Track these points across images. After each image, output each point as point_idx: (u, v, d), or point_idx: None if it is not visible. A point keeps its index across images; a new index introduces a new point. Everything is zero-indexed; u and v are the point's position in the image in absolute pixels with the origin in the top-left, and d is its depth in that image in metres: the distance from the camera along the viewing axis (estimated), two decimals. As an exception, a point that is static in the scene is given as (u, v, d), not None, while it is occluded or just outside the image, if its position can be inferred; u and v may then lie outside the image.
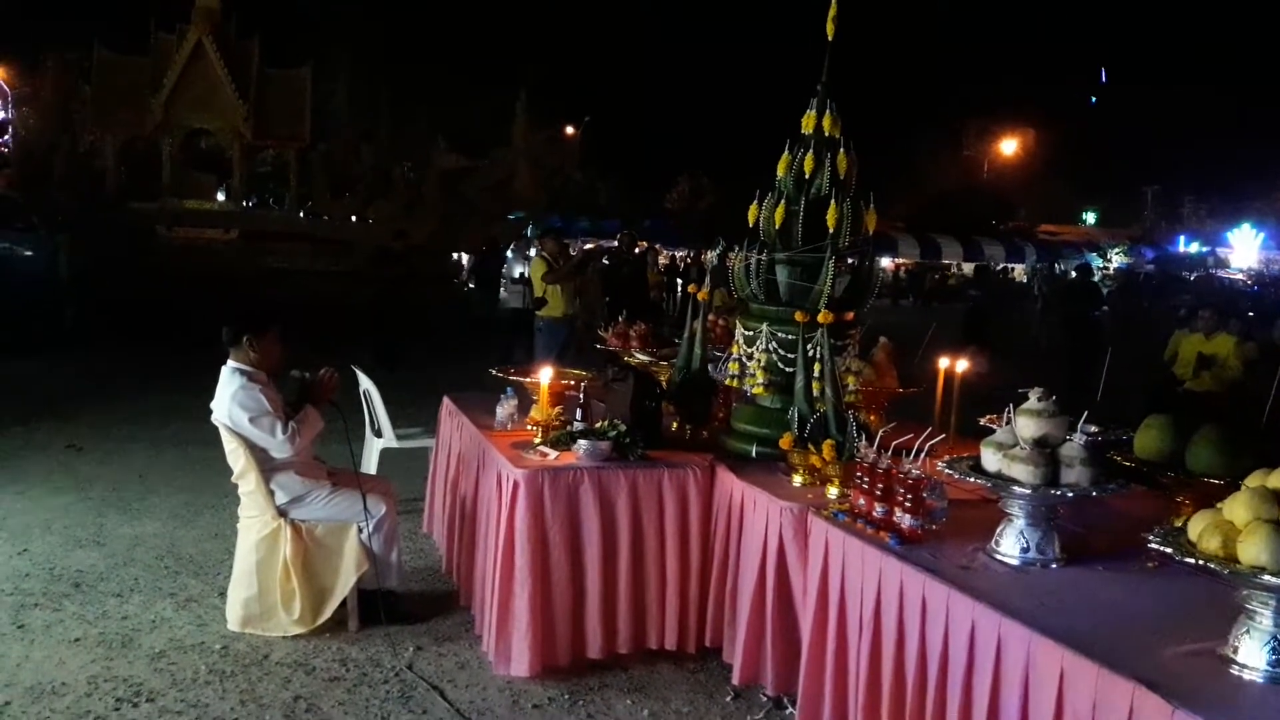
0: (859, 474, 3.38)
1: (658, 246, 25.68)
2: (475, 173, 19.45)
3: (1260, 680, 2.20)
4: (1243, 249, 43.61)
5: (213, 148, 19.56)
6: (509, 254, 13.41)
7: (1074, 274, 16.26)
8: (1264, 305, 21.75)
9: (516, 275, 11.08)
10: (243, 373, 4.24)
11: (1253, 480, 2.32)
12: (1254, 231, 43.90)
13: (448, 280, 19.90)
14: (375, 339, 11.82)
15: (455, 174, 18.70)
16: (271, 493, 4.23)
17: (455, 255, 22.34)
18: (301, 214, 19.58)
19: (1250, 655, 2.23)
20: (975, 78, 43.47)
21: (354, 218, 19.28)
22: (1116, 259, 41.37)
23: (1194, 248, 44.35)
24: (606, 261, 12.44)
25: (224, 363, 4.33)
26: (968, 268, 36.10)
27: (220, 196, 19.93)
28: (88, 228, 14.56)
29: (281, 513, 4.25)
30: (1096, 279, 17.21)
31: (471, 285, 10.25)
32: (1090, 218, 50.06)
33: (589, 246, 22.53)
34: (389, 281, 12.63)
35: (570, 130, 31.26)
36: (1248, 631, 2.25)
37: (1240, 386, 8.63)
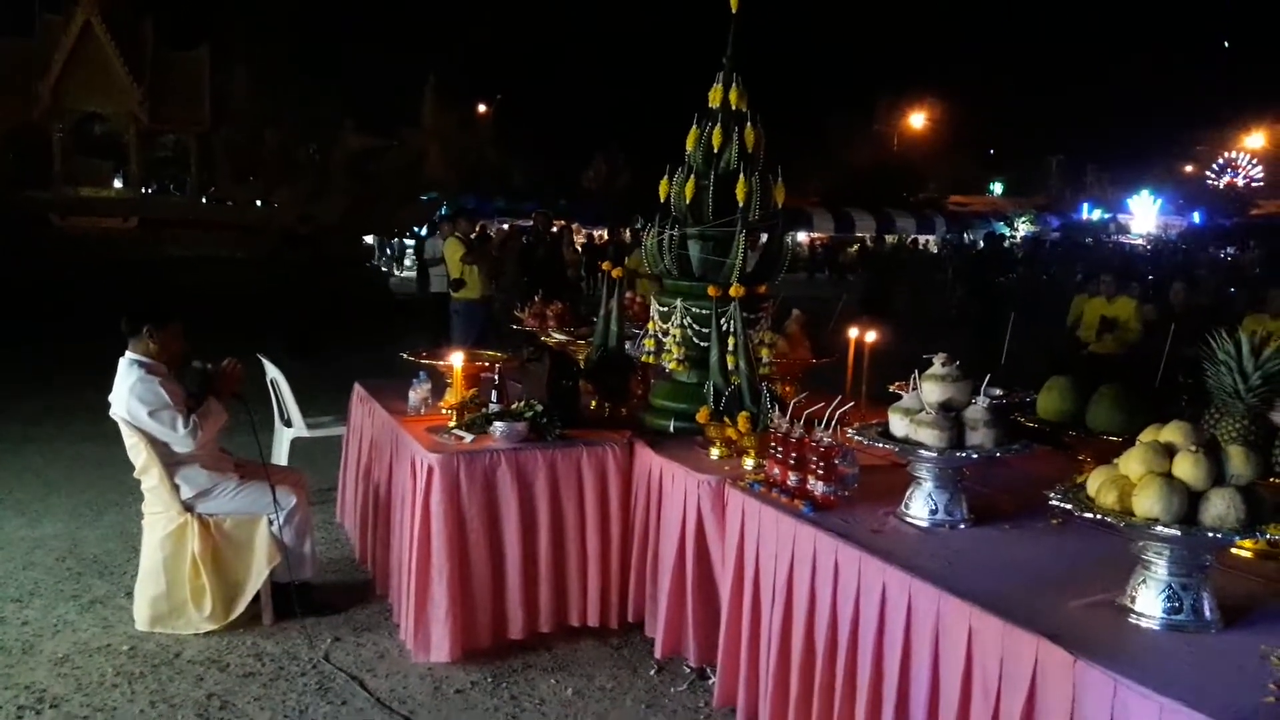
0: (773, 444, 3.41)
1: (575, 226, 25.55)
2: (385, 154, 19.04)
3: (1156, 628, 2.29)
4: (1142, 215, 45.21)
5: (108, 133, 18.76)
6: (424, 236, 13.17)
7: (982, 243, 16.69)
8: (1161, 269, 22.57)
9: (438, 257, 10.88)
10: (141, 364, 4.09)
11: (1146, 435, 2.40)
12: (1152, 198, 45.52)
13: (359, 264, 19.51)
14: (285, 326, 11.53)
15: (364, 155, 18.27)
16: (176, 487, 4.09)
17: (367, 238, 21.92)
18: (204, 200, 18.96)
19: (1147, 604, 2.32)
20: (884, 53, 44.08)
21: (259, 202, 18.75)
22: (1023, 227, 42.49)
23: (1097, 215, 45.80)
24: (525, 241, 12.31)
25: (122, 355, 4.16)
26: (890, 239, 36.74)
27: (117, 183, 19.18)
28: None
29: (188, 507, 4.11)
30: (1004, 247, 17.68)
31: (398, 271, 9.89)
32: (998, 188, 51.31)
33: (504, 227, 22.33)
34: (295, 266, 12.32)
35: (482, 109, 30.82)
36: (1144, 581, 2.33)
37: (1140, 347, 8.94)
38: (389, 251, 28.38)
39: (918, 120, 49.54)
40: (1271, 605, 2.44)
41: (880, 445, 3.12)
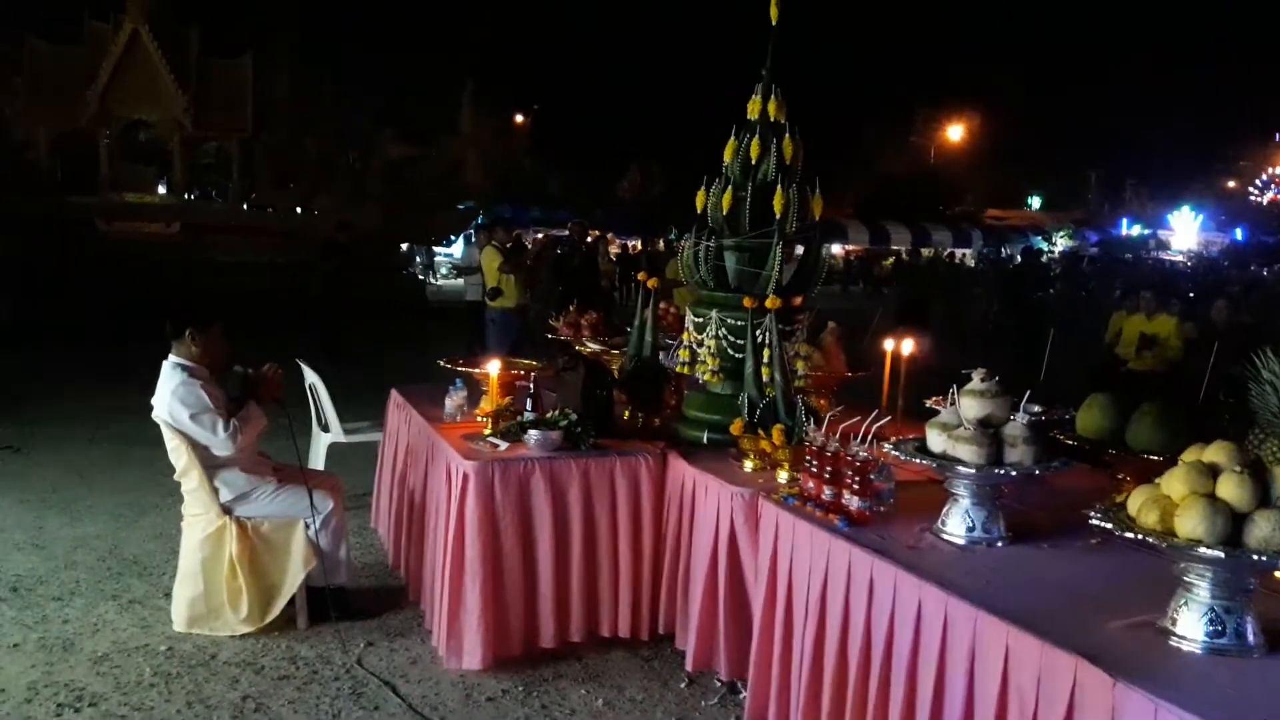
0: (808, 458, 3.40)
1: (609, 236, 25.60)
2: (422, 162, 19.22)
3: (1198, 651, 2.25)
4: (1183, 231, 44.58)
5: (152, 140, 19.07)
6: (461, 244, 13.26)
7: (1020, 258, 16.54)
8: (1201, 285, 22.22)
9: (475, 265, 10.96)
10: (184, 368, 4.15)
11: (1189, 455, 2.36)
12: (1193, 213, 44.89)
13: (395, 271, 19.68)
14: (322, 331, 11.66)
15: (401, 163, 18.46)
16: (216, 490, 4.15)
17: (404, 245, 22.09)
18: (245, 206, 19.22)
19: (1188, 627, 2.28)
20: (922, 64, 43.85)
21: (298, 209, 18.98)
22: (1061, 242, 42.05)
23: (1136, 230, 45.22)
24: (560, 251, 12.37)
25: (165, 358, 4.23)
26: (926, 252, 36.52)
27: (161, 189, 19.49)
28: (22, 222, 14.16)
29: (226, 510, 4.17)
30: (1042, 262, 17.51)
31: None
32: (1035, 202, 50.82)
33: (539, 236, 22.43)
34: (334, 273, 12.46)
35: (519, 119, 31.03)
36: (1185, 603, 2.30)
37: (1180, 365, 8.83)
38: (423, 259, 28.63)
39: (955, 132, 49.22)
40: (1317, 631, 2.40)
41: (917, 461, 3.09)
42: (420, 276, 23.86)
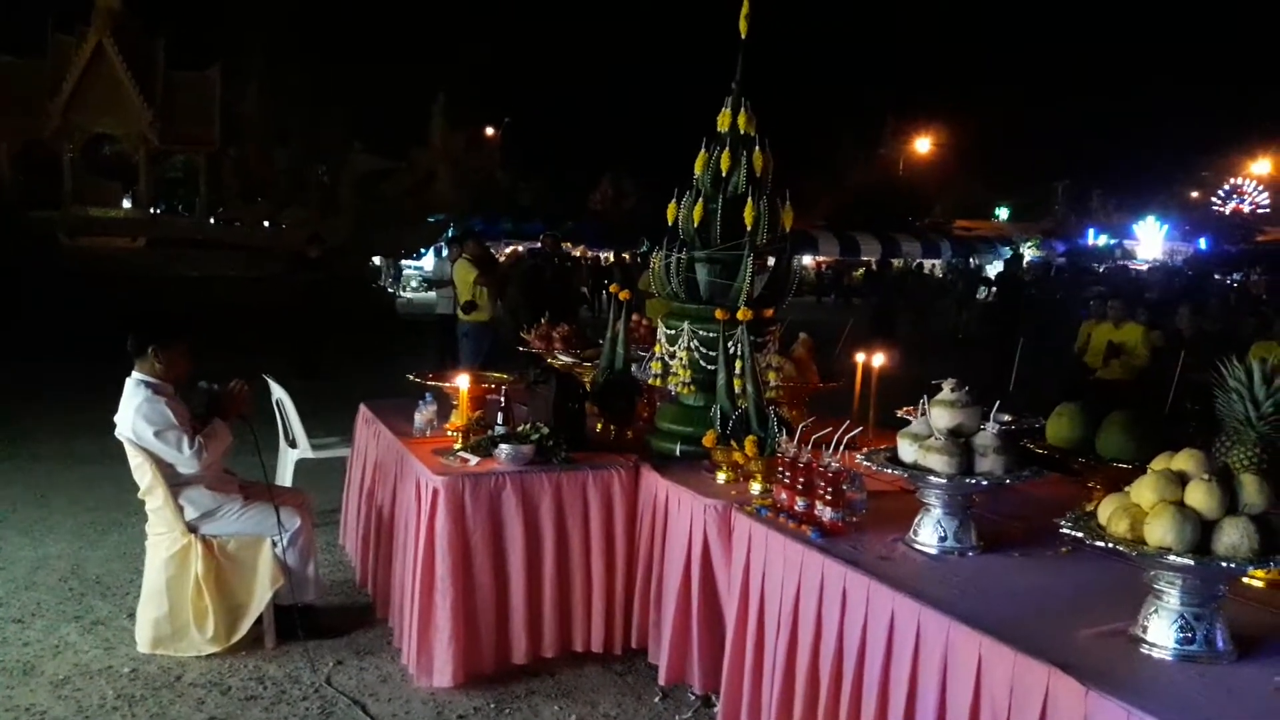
0: (780, 469, 3.39)
1: (586, 253, 25.44)
2: (393, 175, 19.13)
3: (1169, 658, 2.25)
4: (1148, 240, 45.20)
5: (117, 153, 18.84)
6: (431, 257, 13.19)
7: (1002, 266, 16.65)
8: (1167, 294, 22.51)
9: (447, 278, 10.89)
10: (147, 385, 4.08)
11: (1158, 463, 2.37)
12: (1158, 223, 45.52)
13: (365, 285, 19.55)
14: (292, 347, 11.54)
15: (372, 176, 18.36)
16: (180, 508, 4.08)
17: (374, 259, 21.96)
18: (212, 220, 19.02)
19: (1159, 634, 2.29)
20: (891, 77, 44.28)
21: (266, 223, 18.81)
22: (1029, 252, 42.48)
23: (1102, 240, 45.79)
24: (534, 262, 12.33)
25: (129, 375, 4.16)
26: (897, 263, 36.76)
27: (126, 203, 19.25)
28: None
29: (191, 528, 4.10)
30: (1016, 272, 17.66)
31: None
32: (1003, 213, 51.34)
33: (510, 250, 22.37)
34: (303, 287, 12.35)
35: (490, 132, 30.97)
36: (1156, 611, 2.30)
37: (1147, 373, 8.91)
38: (392, 272, 28.49)
39: (924, 145, 49.67)
40: (1285, 636, 2.41)
41: (889, 471, 3.09)
42: (390, 290, 23.73)
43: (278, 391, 6.00)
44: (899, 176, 47.99)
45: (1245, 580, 2.72)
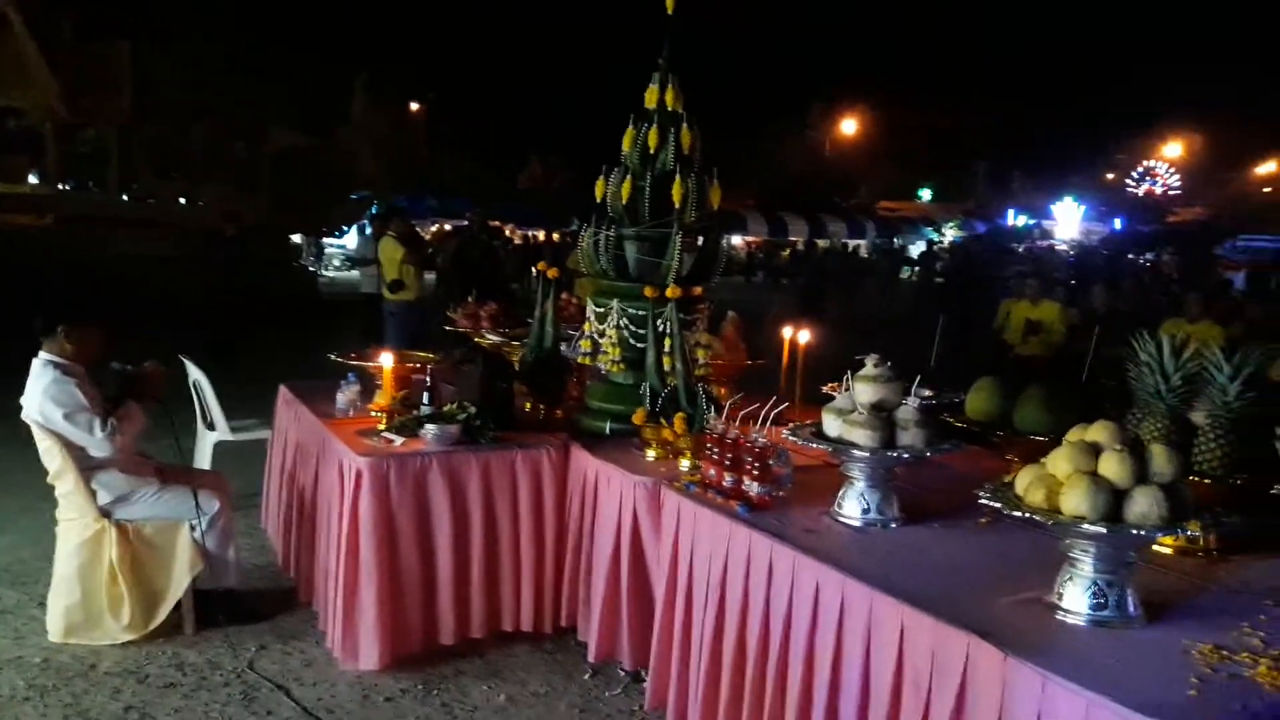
0: (709, 445, 3.40)
1: (514, 231, 25.16)
2: (315, 152, 18.70)
3: (1083, 624, 2.33)
4: (1065, 221, 46.39)
5: (23, 127, 18.10)
6: (355, 235, 12.92)
7: (946, 245, 16.89)
8: (1083, 272, 23.19)
9: (371, 257, 10.66)
10: (56, 365, 3.93)
11: (1072, 435, 2.44)
12: (1075, 204, 46.75)
13: (286, 264, 19.12)
14: (209, 327, 11.23)
15: (293, 153, 17.92)
16: (93, 493, 3.94)
17: (294, 237, 21.45)
18: (124, 196, 18.38)
19: (1074, 601, 2.36)
20: (817, 59, 44.65)
21: (182, 200, 18.23)
22: (950, 233, 43.32)
23: (1022, 221, 46.87)
24: (460, 241, 12.15)
25: (35, 355, 4.00)
26: (823, 244, 37.17)
27: (32, 179, 18.49)
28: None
29: (105, 513, 3.97)
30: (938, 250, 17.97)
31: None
32: (926, 194, 52.18)
33: (435, 228, 22.01)
34: (220, 266, 12.02)
35: (415, 107, 30.44)
36: (1071, 579, 2.37)
37: (1064, 350, 9.17)
38: (313, 250, 27.91)
39: (849, 126, 50.20)
40: (1192, 600, 2.51)
41: (814, 445, 3.13)
42: (311, 269, 23.25)
43: (195, 373, 5.84)
44: (826, 158, 48.48)
45: (1154, 547, 2.82)
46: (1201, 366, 2.84)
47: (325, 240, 27.37)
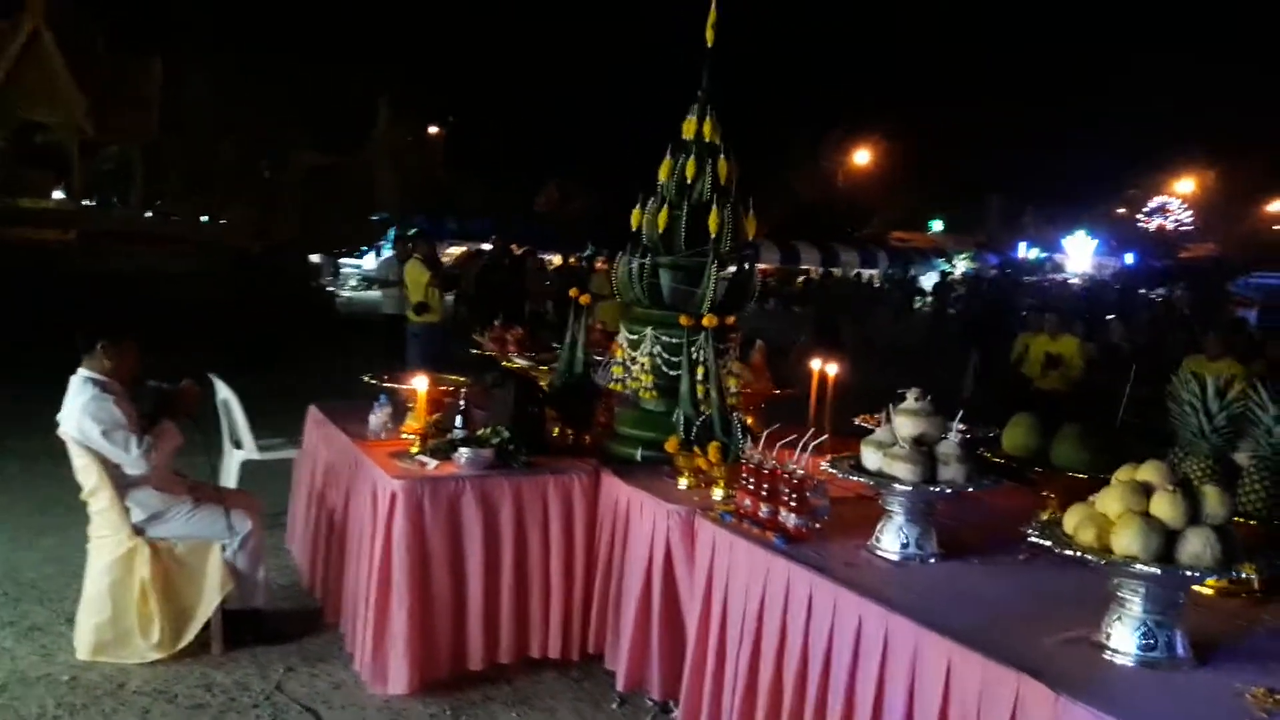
0: (744, 475, 3.40)
1: (539, 254, 25.14)
2: (337, 172, 18.84)
3: (1131, 664, 2.31)
4: (1077, 254, 46.40)
5: (50, 143, 18.28)
6: (374, 256, 12.99)
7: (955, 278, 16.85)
8: (1096, 307, 23.14)
9: (391, 278, 10.73)
10: (95, 383, 3.96)
11: (1122, 474, 2.43)
12: (1088, 237, 46.76)
13: (305, 283, 19.24)
14: (233, 346, 11.29)
15: (316, 173, 18.05)
16: (127, 510, 3.96)
17: (312, 257, 21.56)
18: (149, 214, 18.51)
19: (1122, 640, 2.34)
20: (832, 90, 44.87)
21: (204, 218, 18.36)
22: (962, 265, 43.33)
23: (1034, 253, 46.88)
24: (485, 264, 12.22)
25: (70, 371, 4.02)
26: (838, 273, 37.21)
27: (58, 195, 18.67)
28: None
29: (138, 531, 3.98)
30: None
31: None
32: (938, 225, 52.25)
33: (453, 250, 22.08)
34: (247, 284, 12.11)
35: (434, 130, 30.67)
36: (1119, 618, 2.36)
37: (1083, 384, 9.16)
38: (332, 271, 28.06)
39: (862, 157, 50.37)
40: (1238, 642, 2.49)
41: (855, 478, 3.13)
42: (329, 289, 23.39)
43: (223, 391, 5.86)
44: (839, 188, 48.61)
45: (1195, 588, 2.80)
46: (1246, 407, 2.84)
47: (342, 260, 27.55)
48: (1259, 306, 23.74)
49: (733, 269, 4.31)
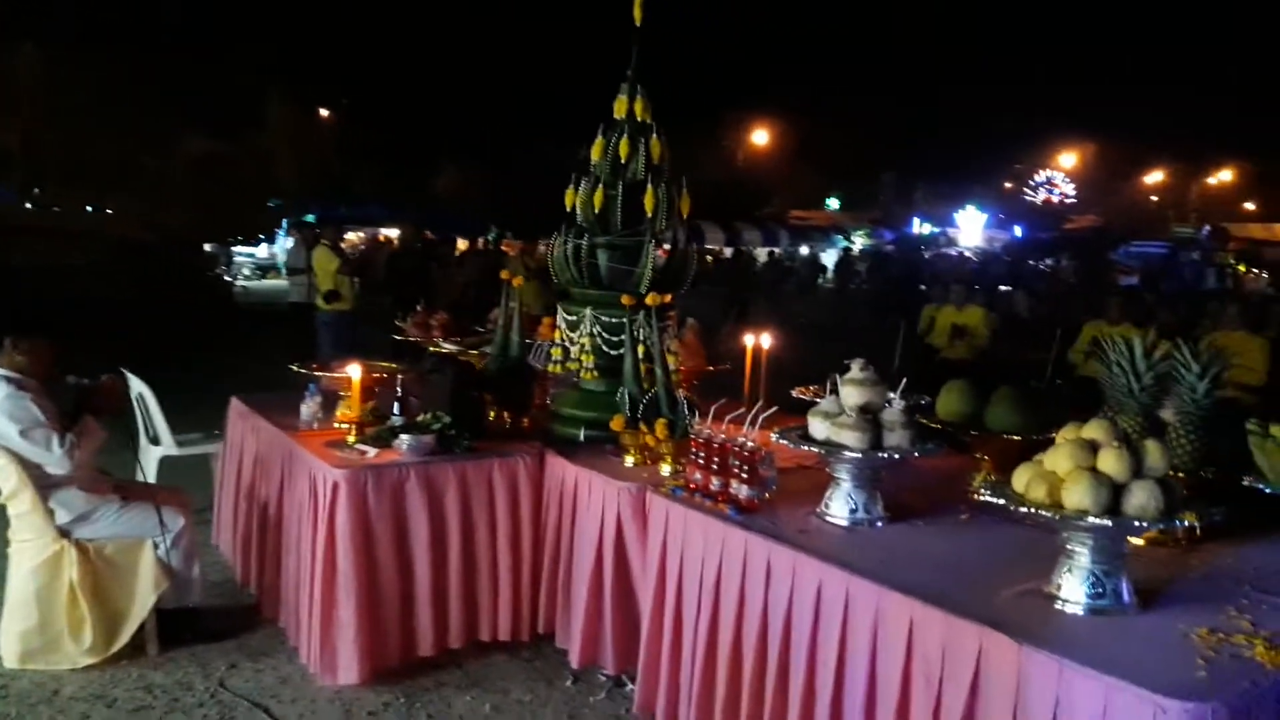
0: (694, 449, 3.45)
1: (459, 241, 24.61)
2: (229, 159, 18.19)
3: (1082, 613, 2.44)
4: (968, 228, 47.88)
5: (-80, 133, 17.20)
6: (287, 244, 12.61)
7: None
8: (987, 278, 23.95)
9: (300, 266, 10.44)
10: (9, 380, 3.77)
11: (1068, 433, 2.55)
12: (978, 212, 48.29)
13: (201, 273, 18.58)
14: (130, 340, 10.84)
15: (207, 160, 17.39)
16: (51, 512, 3.79)
17: (205, 246, 20.81)
18: (28, 204, 17.58)
19: (1072, 591, 2.47)
20: (729, 69, 45.24)
21: (89, 208, 17.52)
22: (860, 241, 44.30)
23: (927, 229, 48.20)
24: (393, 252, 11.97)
25: None
26: (761, 254, 37.59)
27: (-75, 186, 17.59)
28: None
29: (64, 533, 3.82)
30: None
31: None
32: (834, 203, 53.27)
33: (349, 236, 21.52)
34: (138, 276, 11.62)
35: (325, 114, 29.84)
36: (1069, 570, 2.49)
37: (988, 352, 9.50)
38: (225, 259, 27.15)
39: (760, 136, 50.97)
40: (1175, 588, 2.65)
41: (805, 448, 3.20)
42: (228, 278, 22.64)
43: (138, 386, 5.65)
44: (739, 168, 49.10)
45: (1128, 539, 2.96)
46: (1171, 367, 3.01)
47: (235, 249, 26.68)
48: (1140, 273, 24.92)
49: (667, 246, 4.35)
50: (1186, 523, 2.39)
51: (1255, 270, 27.46)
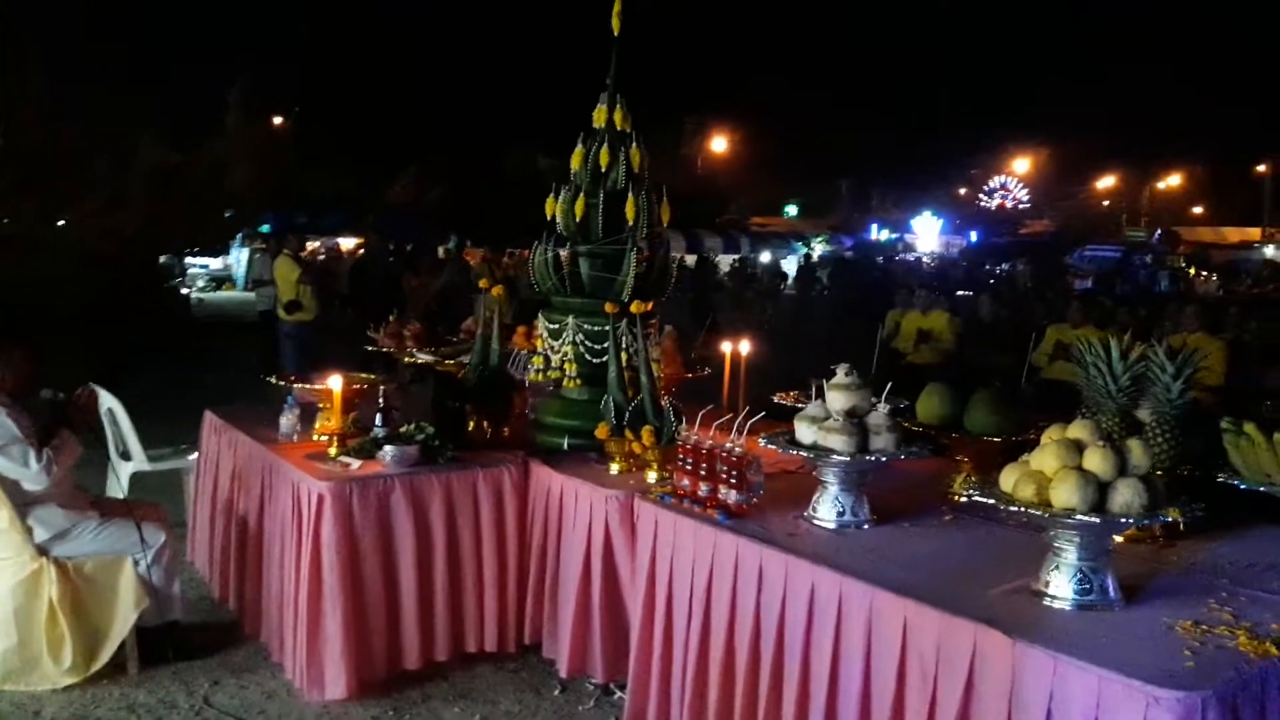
0: (682, 456, 3.48)
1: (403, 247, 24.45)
2: (186, 167, 17.90)
3: (1070, 608, 2.51)
4: (925, 234, 48.50)
5: None
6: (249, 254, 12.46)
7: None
8: (945, 283, 24.26)
9: (266, 277, 10.34)
10: (-17, 396, 3.72)
11: (1053, 433, 2.62)
12: (934, 217, 48.93)
13: (160, 285, 18.33)
14: (91, 353, 10.66)
15: (164, 168, 17.10)
16: (29, 529, 3.74)
17: (160, 257, 20.47)
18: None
19: (1060, 587, 2.54)
20: (689, 77, 45.47)
21: (44, 218, 17.15)
22: (819, 247, 44.68)
23: (884, 235, 48.73)
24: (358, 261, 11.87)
25: None
26: (734, 260, 37.75)
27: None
28: None
29: (42, 551, 3.76)
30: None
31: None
32: (793, 210, 53.69)
33: (310, 245, 21.31)
34: (96, 288, 11.43)
35: (279, 121, 29.47)
36: (1056, 567, 2.56)
37: (953, 356, 9.65)
38: (180, 271, 26.73)
39: (719, 144, 51.26)
40: (1156, 583, 2.72)
41: (793, 453, 3.25)
42: (185, 290, 22.32)
43: (108, 400, 5.55)
44: (699, 175, 49.33)
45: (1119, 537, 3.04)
46: (1147, 368, 3.09)
47: (189, 260, 26.27)
48: (1093, 277, 25.38)
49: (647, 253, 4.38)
50: (1170, 518, 2.45)
51: (1205, 273, 28.08)
